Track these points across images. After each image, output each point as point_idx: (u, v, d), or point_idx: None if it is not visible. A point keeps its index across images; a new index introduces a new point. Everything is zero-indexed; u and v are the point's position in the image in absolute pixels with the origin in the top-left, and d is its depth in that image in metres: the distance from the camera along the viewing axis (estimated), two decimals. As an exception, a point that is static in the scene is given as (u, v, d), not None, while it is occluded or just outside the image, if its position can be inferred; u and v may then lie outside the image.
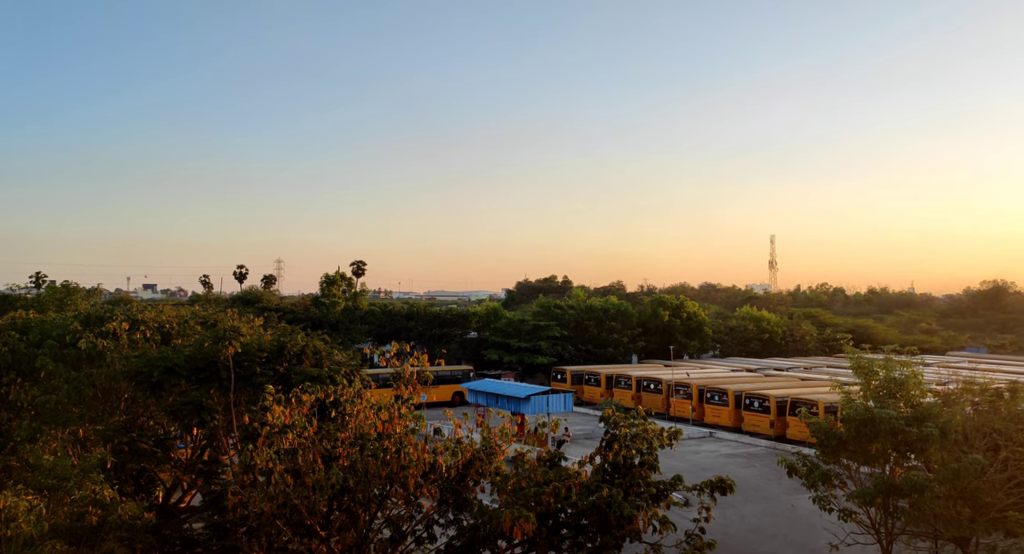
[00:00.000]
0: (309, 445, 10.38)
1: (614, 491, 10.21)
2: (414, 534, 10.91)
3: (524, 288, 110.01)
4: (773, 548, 20.95)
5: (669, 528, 10.26)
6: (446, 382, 47.44)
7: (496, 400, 34.99)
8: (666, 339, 62.95)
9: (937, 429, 15.87)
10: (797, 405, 34.92)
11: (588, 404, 47.44)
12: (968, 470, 15.40)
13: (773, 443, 35.33)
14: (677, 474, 11.31)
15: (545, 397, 34.33)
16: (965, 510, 15.63)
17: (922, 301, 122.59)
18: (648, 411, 12.29)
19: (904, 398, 17.45)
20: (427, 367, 12.22)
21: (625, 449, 10.86)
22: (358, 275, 74.82)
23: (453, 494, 10.64)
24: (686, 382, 43.09)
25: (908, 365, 18.16)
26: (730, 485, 10.91)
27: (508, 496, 10.45)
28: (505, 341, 59.51)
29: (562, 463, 11.39)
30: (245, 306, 55.49)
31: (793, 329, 71.81)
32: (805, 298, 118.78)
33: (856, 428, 16.34)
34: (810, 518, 20.94)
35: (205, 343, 14.62)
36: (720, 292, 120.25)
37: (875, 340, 59.47)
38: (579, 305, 66.03)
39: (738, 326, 70.51)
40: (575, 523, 10.60)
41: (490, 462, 10.85)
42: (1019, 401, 18.79)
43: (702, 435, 38.26)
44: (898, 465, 16.80)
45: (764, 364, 56.12)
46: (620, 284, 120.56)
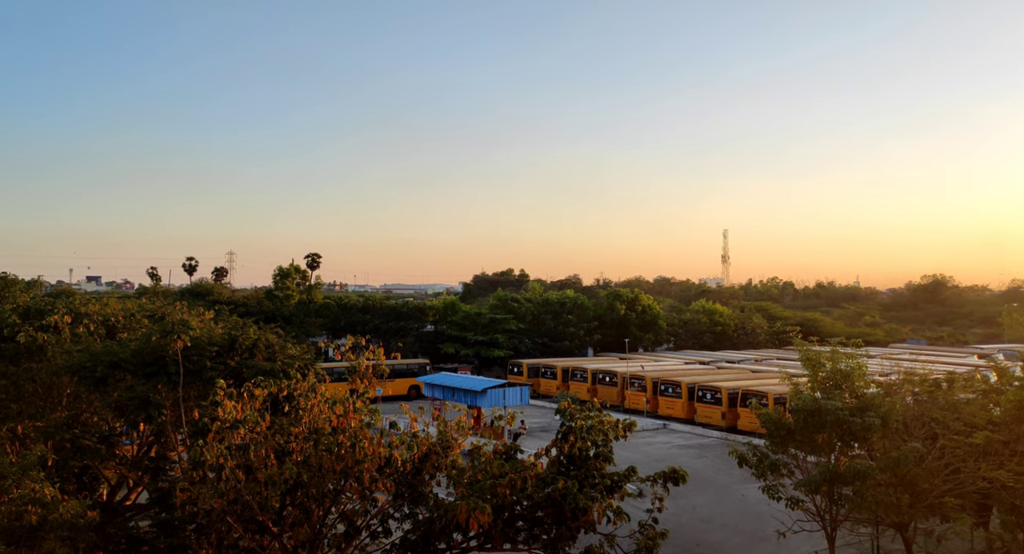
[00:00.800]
0: (261, 440, 10.20)
1: (569, 483, 10.29)
2: (369, 528, 10.82)
3: (481, 281, 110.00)
4: (723, 536, 21.43)
5: (623, 519, 10.40)
6: (402, 376, 47.15)
7: (452, 393, 34.92)
8: (622, 332, 63.70)
9: (879, 419, 16.43)
10: (748, 397, 35.71)
11: (544, 397, 47.71)
12: (907, 458, 15.99)
13: (725, 434, 36.06)
14: (631, 465, 11.46)
15: (502, 390, 34.39)
16: (904, 496, 16.22)
17: (867, 295, 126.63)
18: (603, 403, 12.44)
19: (849, 389, 18.01)
20: (383, 361, 12.11)
21: (581, 441, 10.96)
22: (313, 268, 73.72)
23: (409, 488, 10.59)
24: (641, 375, 43.67)
25: (853, 357, 18.75)
26: (683, 476, 11.10)
27: (464, 489, 10.44)
28: (462, 334, 59.40)
29: (518, 456, 11.43)
30: (195, 299, 54.15)
31: (745, 322, 73.40)
32: (756, 292, 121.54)
33: (804, 419, 16.80)
34: (759, 507, 21.45)
35: (152, 337, 14.19)
36: (675, 286, 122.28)
37: (822, 333, 61.17)
38: (536, 298, 66.29)
39: (692, 319, 71.75)
40: (531, 515, 10.66)
41: (446, 455, 10.82)
42: (955, 391, 19.59)
43: (656, 427, 38.84)
44: (843, 454, 17.34)
45: (717, 356, 57.23)
46: (577, 277, 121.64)
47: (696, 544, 20.61)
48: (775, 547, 19.31)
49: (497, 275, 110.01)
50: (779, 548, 19.15)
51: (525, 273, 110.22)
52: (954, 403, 18.76)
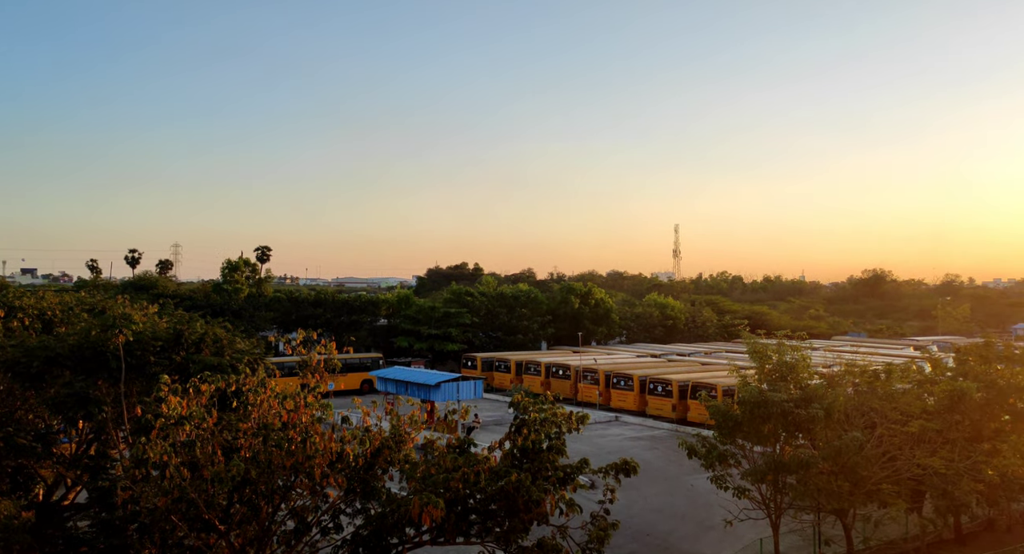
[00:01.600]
0: (208, 436, 9.94)
1: (523, 476, 10.32)
2: (319, 525, 10.67)
3: (435, 275, 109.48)
4: (672, 526, 21.85)
5: (575, 510, 10.48)
6: (355, 370, 46.63)
7: (406, 387, 34.69)
8: (575, 326, 64.23)
9: (822, 410, 16.96)
10: (698, 389, 36.41)
11: (498, 390, 47.80)
12: (848, 447, 16.55)
13: (675, 426, 36.74)
14: (584, 458, 11.56)
15: (455, 384, 34.32)
16: (845, 484, 16.79)
17: (811, 289, 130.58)
18: (557, 396, 12.50)
19: (794, 381, 18.54)
20: (335, 355, 11.93)
21: (534, 434, 10.99)
22: (263, 261, 72.13)
23: (361, 483, 10.46)
24: (593, 368, 44.12)
25: (798, 349, 19.30)
26: (634, 467, 11.24)
27: (417, 483, 10.38)
28: (415, 328, 59.05)
29: (471, 449, 11.42)
30: (138, 292, 52.46)
31: (695, 315, 74.82)
32: (706, 285, 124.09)
33: (751, 410, 17.23)
34: (707, 496, 21.94)
35: (92, 331, 13.69)
36: (627, 280, 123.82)
37: (769, 326, 62.87)
38: (490, 292, 66.31)
39: (644, 313, 72.78)
40: (484, 508, 10.66)
41: (399, 450, 10.73)
42: (893, 382, 20.36)
43: (608, 419, 39.32)
44: (787, 444, 17.85)
45: (668, 349, 58.19)
46: (531, 271, 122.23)
47: (646, 534, 20.97)
48: (722, 535, 19.79)
49: (451, 269, 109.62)
50: (726, 536, 19.63)
51: (479, 267, 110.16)
52: (891, 393, 19.50)
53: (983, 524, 21.91)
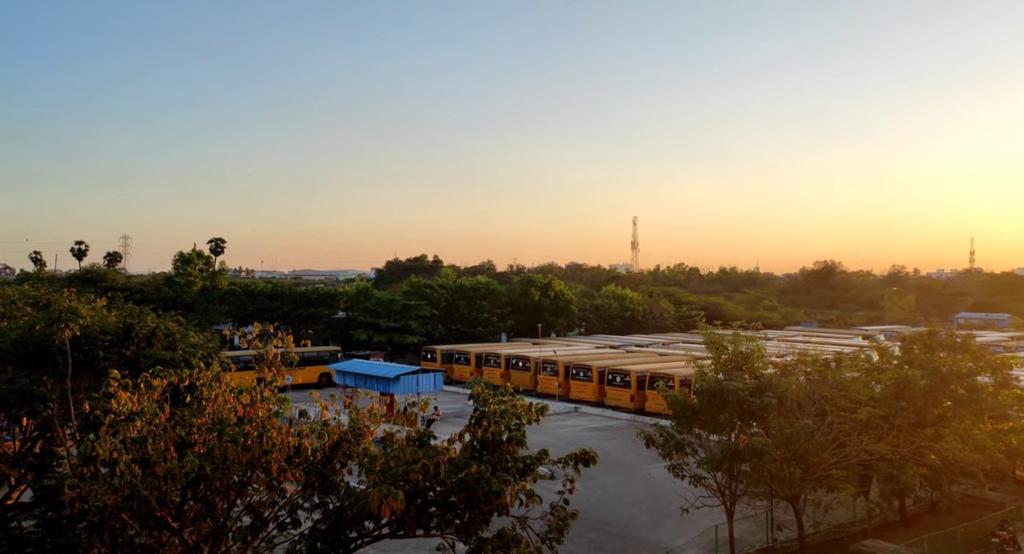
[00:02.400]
0: (160, 432, 9.71)
1: (483, 467, 10.33)
2: (276, 520, 10.52)
3: (394, 267, 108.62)
4: (631, 514, 22.16)
5: (535, 501, 10.55)
6: (313, 363, 46.04)
7: (365, 381, 34.40)
8: (534, 318, 64.46)
9: (776, 398, 17.37)
10: (655, 379, 36.93)
11: (458, 383, 47.76)
12: (800, 434, 17.00)
13: (633, 416, 37.21)
14: (543, 448, 11.63)
15: (415, 377, 34.16)
16: (797, 470, 17.25)
17: (765, 280, 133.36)
18: (516, 388, 12.56)
19: (749, 370, 18.94)
20: (292, 348, 11.75)
21: (494, 426, 11.00)
22: (217, 253, 70.74)
23: (319, 477, 10.35)
24: (553, 359, 44.37)
25: (753, 340, 19.71)
26: (593, 457, 11.36)
27: (376, 476, 10.31)
28: (374, 321, 58.53)
29: (431, 442, 11.38)
30: (85, 285, 50.84)
31: (653, 307, 75.78)
32: (664, 277, 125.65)
33: (707, 399, 17.55)
34: (665, 485, 22.29)
35: (36, 326, 13.24)
36: (586, 271, 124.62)
37: (725, 317, 64.05)
38: (449, 285, 66.07)
39: (602, 304, 73.43)
40: (444, 500, 10.65)
41: (358, 443, 10.63)
42: (843, 370, 20.97)
43: (568, 410, 39.63)
44: (742, 432, 18.25)
45: (626, 341, 58.84)
46: (490, 263, 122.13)
47: (605, 523, 21.23)
48: (679, 522, 20.15)
49: (410, 261, 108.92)
50: (683, 523, 20.00)
51: (439, 259, 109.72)
52: (841, 381, 20.08)
53: (926, 506, 22.77)
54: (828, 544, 19.84)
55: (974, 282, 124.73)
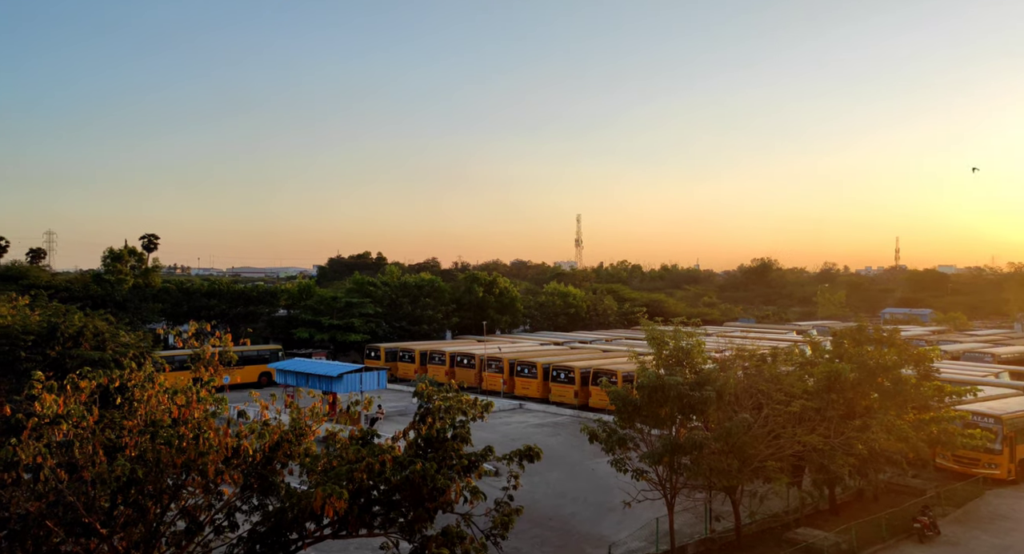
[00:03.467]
0: (88, 436, 9.31)
1: (427, 464, 10.28)
2: (213, 523, 10.22)
3: (337, 265, 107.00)
4: (574, 509, 22.40)
5: (480, 498, 10.55)
6: (252, 362, 44.93)
7: (307, 379, 33.75)
8: (479, 315, 64.45)
9: (715, 392, 17.81)
10: (599, 375, 37.40)
11: (403, 381, 47.36)
12: (738, 427, 17.48)
13: (577, 412, 37.57)
14: (488, 445, 11.64)
15: (358, 375, 33.69)
16: (734, 462, 17.73)
17: (705, 277, 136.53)
18: (461, 385, 12.51)
19: (689, 365, 19.36)
20: (230, 347, 11.44)
21: (439, 423, 10.97)
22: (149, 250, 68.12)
23: (258, 478, 10.10)
24: (498, 356, 44.46)
25: (693, 335, 20.15)
26: (537, 453, 11.43)
27: (318, 476, 10.14)
28: (317, 319, 57.50)
29: (375, 440, 11.26)
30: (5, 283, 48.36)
31: (596, 304, 76.72)
32: (607, 274, 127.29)
33: (649, 394, 17.85)
34: (608, 479, 22.60)
35: (-48, 325, 12.51)
36: (531, 269, 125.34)
37: (666, 313, 65.36)
38: (393, 282, 65.44)
39: (547, 301, 73.94)
40: (388, 499, 10.55)
41: (299, 443, 10.43)
42: (778, 365, 21.65)
43: (512, 407, 39.76)
44: (683, 426, 18.64)
45: (570, 337, 59.37)
46: (435, 261, 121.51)
47: (549, 518, 21.40)
48: (621, 516, 20.47)
49: (353, 258, 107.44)
50: (625, 517, 20.32)
51: (383, 256, 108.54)
52: (777, 375, 20.74)
53: (854, 495, 23.73)
54: (763, 533, 20.48)
55: (899, 279, 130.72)
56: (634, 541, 19.66)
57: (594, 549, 19.14)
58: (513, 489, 11.23)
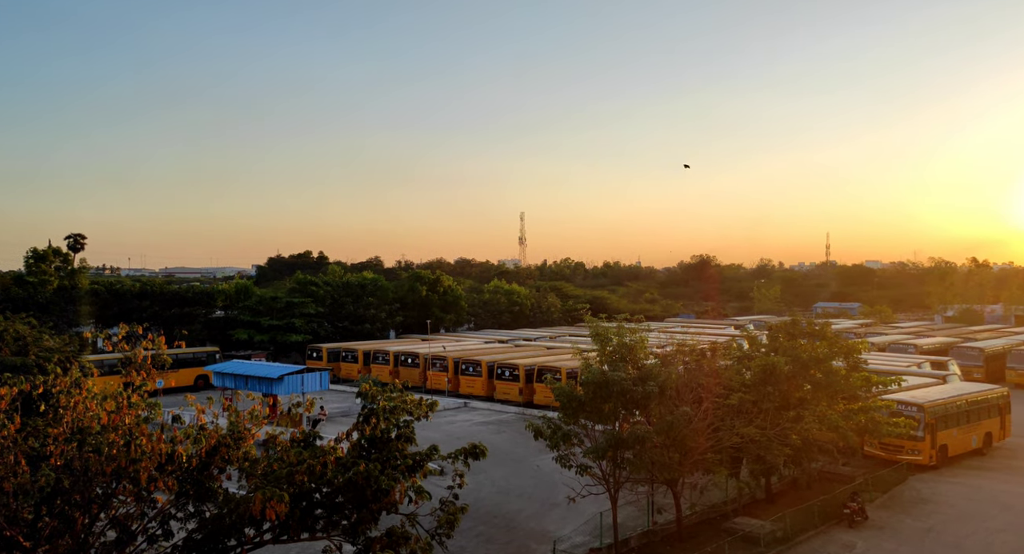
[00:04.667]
0: (10, 445, 8.86)
1: (371, 465, 10.17)
2: (146, 532, 9.86)
3: (277, 264, 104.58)
4: (519, 506, 22.50)
5: (425, 497, 10.50)
6: (188, 365, 43.55)
7: (246, 382, 32.90)
8: (423, 314, 64.02)
9: (657, 387, 18.15)
10: (543, 372, 37.65)
11: (346, 381, 46.68)
12: (679, 421, 17.85)
13: (522, 409, 37.72)
14: (433, 444, 11.59)
15: (300, 376, 33.04)
16: (676, 455, 18.11)
17: (647, 273, 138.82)
18: (406, 385, 12.42)
19: (632, 361, 19.65)
20: (164, 350, 11.07)
21: (383, 423, 10.85)
22: (76, 250, 65.20)
23: (194, 484, 9.79)
24: (442, 355, 44.27)
25: (636, 331, 20.47)
26: (482, 451, 11.44)
27: (258, 480, 9.90)
28: (256, 319, 56.11)
29: (317, 442, 11.07)
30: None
31: (540, 301, 77.18)
32: (551, 272, 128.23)
33: (593, 390, 18.06)
34: (552, 475, 22.77)
35: None
36: (475, 267, 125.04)
37: (609, 309, 66.28)
38: (335, 281, 64.41)
39: (491, 299, 73.98)
40: (331, 501, 10.38)
41: (238, 447, 10.16)
42: (717, 359, 22.20)
43: (457, 405, 39.66)
44: (626, 421, 18.93)
45: (515, 335, 59.57)
46: (378, 260, 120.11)
47: (494, 515, 21.44)
48: (566, 511, 20.67)
49: (294, 257, 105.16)
50: (569, 512, 20.52)
51: (324, 255, 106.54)
52: (716, 370, 21.26)
53: (789, 483, 24.57)
54: (703, 523, 20.99)
55: (830, 274, 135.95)
56: (578, 535, 19.87)
57: (539, 545, 19.28)
58: (458, 488, 11.21)
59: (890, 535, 20.45)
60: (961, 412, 28.19)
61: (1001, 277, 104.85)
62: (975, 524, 21.24)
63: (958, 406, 28.15)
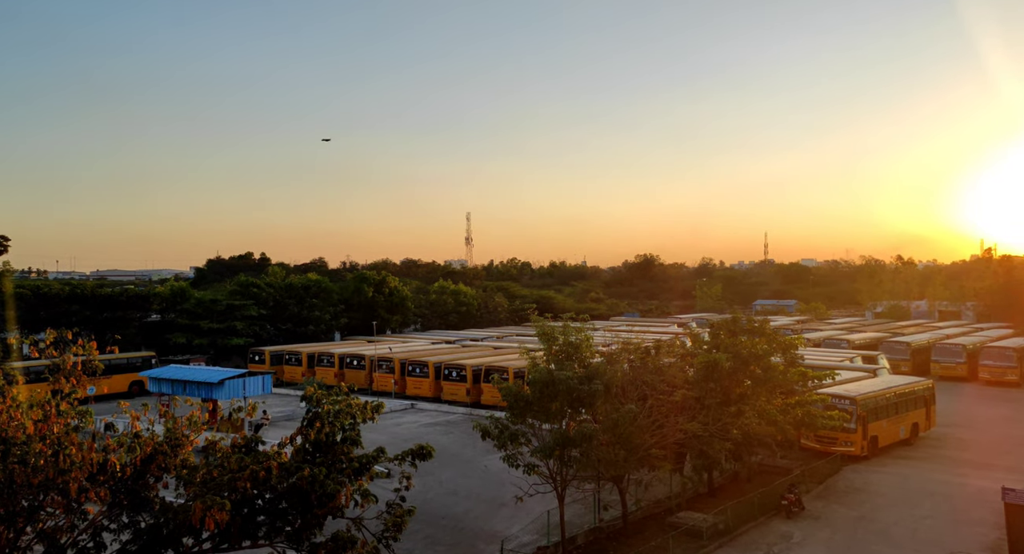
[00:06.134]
0: (-74, 458, 8.37)
1: (316, 469, 9.99)
2: (76, 545, 9.46)
3: (216, 266, 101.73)
4: (467, 507, 22.47)
5: (371, 500, 10.38)
6: (122, 371, 41.96)
7: (184, 387, 31.87)
8: (369, 315, 63.26)
9: (603, 385, 18.38)
10: (491, 372, 37.66)
11: (289, 385, 45.74)
12: (624, 418, 18.12)
13: (470, 409, 37.64)
14: (380, 446, 11.46)
15: (241, 380, 32.17)
16: (621, 452, 18.37)
17: (593, 273, 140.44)
18: (351, 387, 12.24)
19: (579, 360, 19.85)
20: (95, 355, 10.64)
21: (328, 426, 10.68)
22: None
23: (129, 494, 9.44)
24: (389, 357, 43.83)
25: (582, 330, 20.68)
26: (430, 452, 11.37)
27: (197, 488, 9.61)
28: (195, 323, 54.46)
29: (260, 447, 10.82)
30: None
31: (488, 301, 77.21)
32: (498, 272, 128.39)
33: (540, 389, 18.17)
34: (500, 475, 22.80)
35: None
36: (421, 267, 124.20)
37: (556, 309, 66.77)
38: (278, 283, 63.05)
39: (438, 300, 73.62)
40: (274, 507, 10.16)
41: (175, 455, 9.85)
42: (661, 357, 22.61)
43: (404, 407, 39.33)
44: (572, 419, 19.10)
45: (462, 335, 59.41)
46: (322, 261, 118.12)
47: (442, 517, 21.35)
48: (514, 511, 20.73)
49: (234, 259, 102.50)
50: (517, 511, 20.60)
51: (267, 257, 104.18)
52: (660, 367, 21.67)
53: (730, 477, 25.23)
54: (648, 519, 21.36)
55: (768, 272, 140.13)
56: (526, 534, 19.96)
57: (487, 545, 19.28)
58: (405, 490, 11.12)
59: (825, 524, 21.21)
60: (890, 404, 29.44)
61: (926, 274, 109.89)
62: (903, 511, 22.22)
63: (887, 398, 29.39)
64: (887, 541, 19.88)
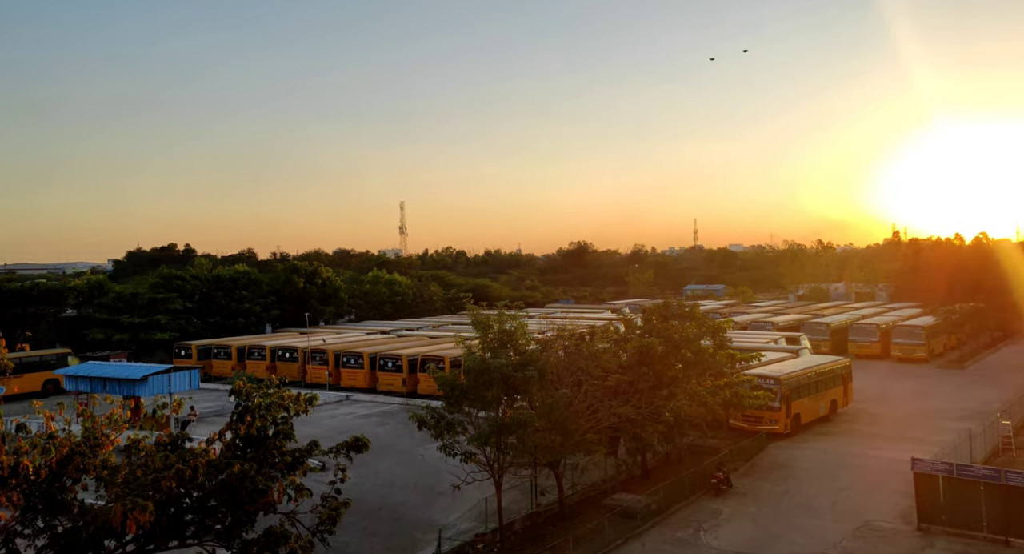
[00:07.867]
0: None
1: (247, 465, 9.75)
2: (-13, 555, 8.97)
3: (137, 258, 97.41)
4: (404, 497, 22.37)
5: (305, 495, 10.20)
6: (34, 369, 39.81)
7: (104, 385, 30.49)
8: (301, 306, 61.90)
9: (537, 372, 18.55)
10: (426, 362, 37.46)
11: (218, 379, 44.36)
12: (559, 404, 18.36)
13: (406, 400, 37.40)
14: (313, 439, 11.27)
15: (166, 376, 31.02)
16: (557, 438, 18.61)
17: (527, 261, 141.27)
18: (283, 380, 11.97)
19: (514, 347, 19.97)
20: (4, 354, 10.05)
21: (259, 420, 10.42)
22: None
23: (44, 498, 8.98)
24: (322, 348, 43.06)
25: (516, 318, 20.80)
26: (365, 444, 11.25)
27: (118, 489, 9.23)
28: (114, 318, 52.10)
29: (187, 444, 10.46)
30: None
31: (422, 291, 76.66)
32: (433, 261, 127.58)
33: (475, 377, 18.20)
34: (437, 465, 22.77)
35: None
36: (355, 258, 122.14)
37: (491, 297, 66.94)
38: (204, 275, 60.93)
39: (372, 290, 72.64)
40: (202, 505, 9.86)
41: (95, 455, 9.42)
42: (595, 342, 22.98)
43: (339, 399, 38.75)
44: (508, 407, 19.22)
45: (397, 325, 58.85)
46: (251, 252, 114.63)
47: (379, 508, 21.19)
48: (451, 499, 20.76)
49: (157, 251, 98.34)
50: (455, 500, 20.63)
51: (191, 248, 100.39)
52: (594, 353, 22.01)
53: (662, 458, 25.93)
54: (584, 502, 21.76)
55: (698, 258, 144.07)
56: (464, 522, 20.03)
57: (424, 534, 19.26)
58: (340, 482, 10.98)
59: (751, 500, 22.08)
60: (811, 383, 30.82)
61: (843, 258, 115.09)
62: (823, 484, 23.34)
63: (808, 377, 30.75)
64: (809, 513, 20.86)
